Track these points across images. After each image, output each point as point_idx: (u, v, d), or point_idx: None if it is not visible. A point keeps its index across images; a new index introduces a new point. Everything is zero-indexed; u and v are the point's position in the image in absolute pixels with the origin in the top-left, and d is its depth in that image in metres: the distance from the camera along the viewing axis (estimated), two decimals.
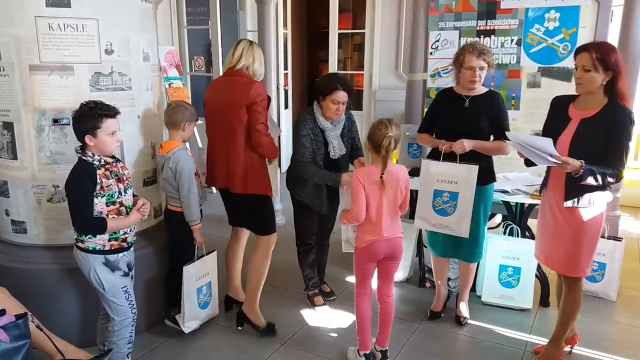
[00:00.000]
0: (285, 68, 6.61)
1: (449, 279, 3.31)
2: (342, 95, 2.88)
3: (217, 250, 3.02)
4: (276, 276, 3.67)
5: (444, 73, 3.72)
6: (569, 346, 2.78)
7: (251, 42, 2.94)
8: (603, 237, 3.23)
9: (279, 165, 5.23)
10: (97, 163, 2.24)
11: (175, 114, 2.80)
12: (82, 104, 2.24)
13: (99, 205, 2.25)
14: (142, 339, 2.85)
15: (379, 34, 6.45)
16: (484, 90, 2.83)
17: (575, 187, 2.34)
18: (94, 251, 2.29)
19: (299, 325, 3.10)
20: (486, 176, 2.86)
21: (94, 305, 2.63)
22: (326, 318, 3.19)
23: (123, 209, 2.33)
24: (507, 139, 2.60)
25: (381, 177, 2.44)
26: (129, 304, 2.41)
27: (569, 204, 2.38)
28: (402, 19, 6.19)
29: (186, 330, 2.88)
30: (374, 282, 2.68)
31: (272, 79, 4.74)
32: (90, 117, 2.19)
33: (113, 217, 2.28)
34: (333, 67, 6.83)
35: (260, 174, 2.87)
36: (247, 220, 3.01)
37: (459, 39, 3.58)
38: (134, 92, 2.75)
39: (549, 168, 2.51)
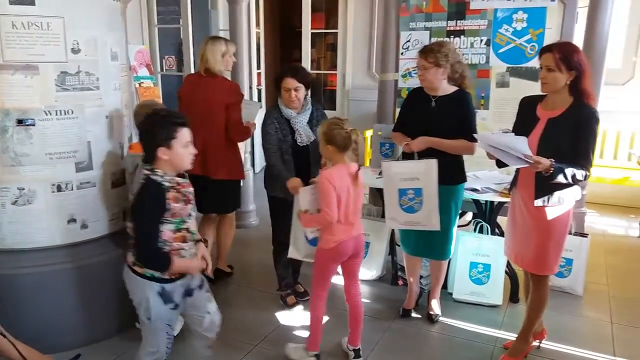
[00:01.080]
0: (258, 67, 6.57)
1: (420, 277, 3.34)
2: (290, 82, 2.94)
3: None
4: (250, 276, 3.66)
5: (415, 73, 3.74)
6: (538, 341, 2.84)
7: (207, 40, 3.20)
8: (570, 233, 3.32)
9: (252, 166, 5.21)
10: (167, 184, 2.00)
11: (136, 115, 2.78)
12: (149, 114, 2.07)
13: (166, 233, 2.00)
14: (113, 343, 2.82)
15: (351, 34, 6.48)
16: (452, 89, 2.84)
17: (545, 186, 2.37)
18: (152, 278, 2.06)
19: (272, 326, 3.09)
20: (457, 176, 2.90)
21: (61, 310, 2.59)
22: (300, 318, 3.19)
23: (189, 235, 2.11)
24: (474, 139, 2.64)
25: (356, 174, 2.46)
26: (168, 339, 2.21)
27: (539, 202, 2.42)
28: (374, 19, 6.23)
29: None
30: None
31: (244, 78, 4.70)
32: (164, 126, 1.98)
33: (181, 248, 2.07)
34: (306, 66, 6.81)
35: (239, 162, 3.44)
36: (223, 203, 3.43)
37: (430, 39, 3.61)
38: (101, 91, 2.70)
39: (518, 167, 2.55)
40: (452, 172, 2.85)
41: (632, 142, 5.30)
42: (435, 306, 3.17)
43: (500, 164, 2.50)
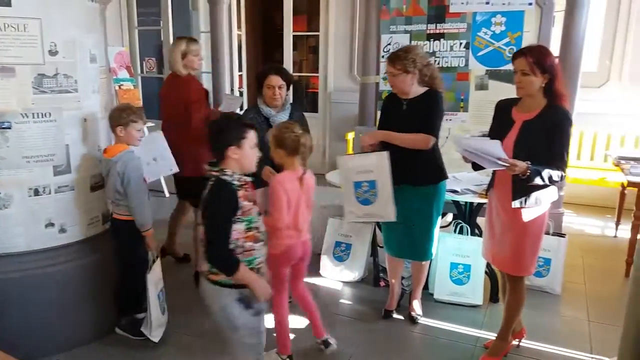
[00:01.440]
0: (240, 69, 6.56)
1: (402, 278, 3.37)
2: (275, 79, 3.01)
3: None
4: None
5: None
6: (517, 340, 2.88)
7: (174, 41, 3.40)
8: (548, 233, 3.37)
9: None
10: (237, 183, 2.02)
11: (110, 118, 2.76)
12: (218, 118, 2.17)
13: (237, 232, 2.00)
14: (91, 350, 2.79)
15: (333, 37, 6.50)
16: (421, 90, 2.88)
17: (521, 188, 2.40)
18: (228, 285, 2.03)
19: None
20: (436, 175, 2.93)
21: (39, 316, 2.56)
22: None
23: (259, 235, 2.11)
24: (429, 133, 2.76)
25: (301, 178, 2.48)
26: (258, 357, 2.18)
27: (516, 204, 2.44)
28: (356, 22, 6.26)
29: (156, 339, 2.80)
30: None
31: (226, 81, 4.69)
32: (235, 127, 2.03)
33: (252, 249, 2.07)
34: (288, 69, 6.82)
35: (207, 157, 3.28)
36: (192, 197, 3.45)
37: (410, 42, 3.64)
38: (80, 94, 2.67)
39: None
40: (429, 172, 2.88)
41: (608, 143, 5.40)
42: (417, 307, 3.20)
43: (476, 167, 2.55)
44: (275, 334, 2.68)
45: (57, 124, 2.60)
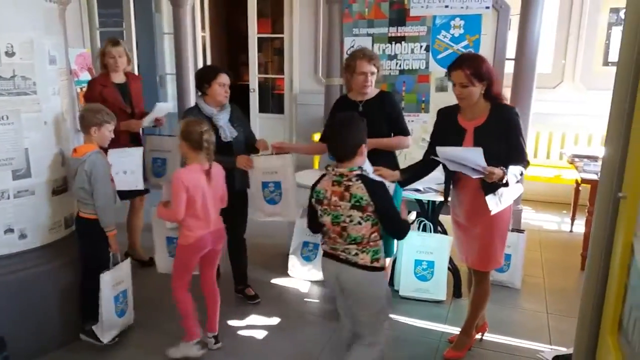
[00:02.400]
0: None
1: None
2: (226, 78, 3.09)
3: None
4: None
5: None
6: (480, 334, 2.95)
7: None
8: (508, 230, 3.48)
9: None
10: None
11: (82, 119, 2.74)
12: (347, 118, 2.23)
13: None
14: (56, 358, 2.74)
15: (297, 39, 6.52)
16: (375, 92, 2.98)
17: (491, 186, 2.41)
18: (383, 268, 2.22)
19: (222, 333, 3.06)
20: None
21: (12, 321, 2.49)
22: (250, 323, 3.19)
23: None
24: (405, 134, 2.91)
25: (208, 171, 2.59)
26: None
27: (494, 208, 2.45)
28: (319, 24, 6.30)
29: (105, 340, 2.78)
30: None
31: (190, 82, 4.65)
32: (364, 126, 2.22)
33: None
34: (254, 71, 6.82)
35: None
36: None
37: (372, 45, 3.70)
38: (39, 96, 2.62)
39: (450, 174, 2.62)
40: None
41: (563, 142, 5.59)
42: None
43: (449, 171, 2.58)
44: (182, 322, 2.76)
45: (15, 127, 2.54)
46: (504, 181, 2.34)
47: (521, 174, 2.43)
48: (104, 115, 2.76)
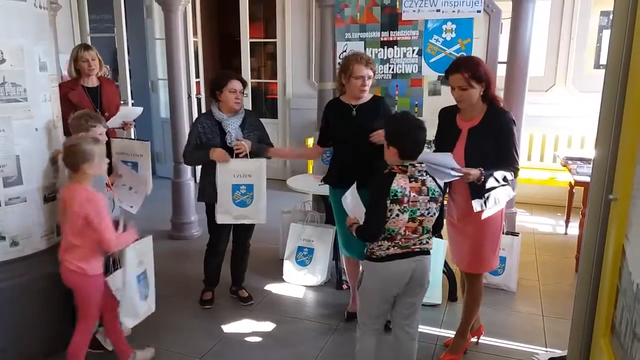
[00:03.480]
0: (197, 76, 6.51)
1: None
2: (237, 84, 3.13)
3: None
4: (189, 289, 3.60)
5: None
6: (476, 337, 2.96)
7: None
8: (502, 233, 3.48)
9: (194, 177, 5.13)
10: None
11: (71, 127, 2.76)
12: (399, 118, 2.37)
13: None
14: None
15: (290, 44, 6.53)
16: (368, 97, 2.99)
17: (479, 190, 2.47)
18: None
19: (215, 339, 3.05)
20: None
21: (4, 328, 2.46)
22: (245, 328, 3.18)
23: None
24: None
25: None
26: None
27: (477, 207, 2.49)
28: (312, 29, 6.31)
29: (130, 325, 2.64)
30: None
31: (182, 87, 4.64)
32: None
33: None
34: (246, 75, 6.80)
35: None
36: None
37: (365, 49, 3.71)
38: (30, 103, 2.60)
39: None
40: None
41: (556, 144, 5.63)
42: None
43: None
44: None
45: (6, 134, 2.52)
46: (480, 182, 2.39)
47: (505, 179, 2.45)
48: (89, 120, 2.75)
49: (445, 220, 2.76)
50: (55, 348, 2.78)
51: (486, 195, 2.48)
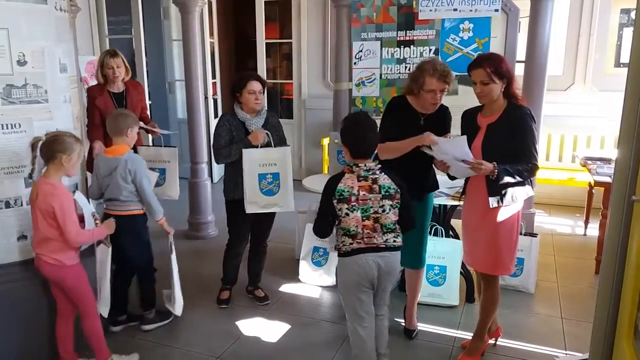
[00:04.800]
0: (214, 77, 6.55)
1: None
2: (256, 85, 3.13)
3: None
4: (207, 288, 3.62)
5: (368, 82, 3.83)
6: (494, 339, 2.93)
7: None
8: (520, 233, 3.44)
9: (210, 176, 5.16)
10: None
11: (118, 122, 2.89)
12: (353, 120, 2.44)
13: None
14: None
15: (305, 44, 6.54)
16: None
17: (496, 187, 2.47)
18: None
19: (233, 339, 3.07)
20: (433, 185, 2.94)
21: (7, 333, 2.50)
22: (261, 329, 3.18)
23: None
24: None
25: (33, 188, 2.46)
26: None
27: (493, 203, 2.49)
28: (328, 29, 6.31)
29: (178, 313, 3.10)
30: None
31: (199, 88, 4.67)
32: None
33: None
34: (262, 76, 6.82)
35: None
36: None
37: (381, 49, 3.70)
38: (50, 104, 2.64)
39: None
40: (430, 183, 2.90)
41: (575, 144, 5.55)
42: (413, 320, 3.10)
43: (453, 177, 2.66)
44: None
45: (28, 134, 2.56)
46: (494, 177, 2.38)
47: (520, 174, 2.43)
48: (132, 116, 2.99)
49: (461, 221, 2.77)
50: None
51: (503, 192, 2.47)
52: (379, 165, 2.32)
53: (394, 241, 2.33)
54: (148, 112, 4.13)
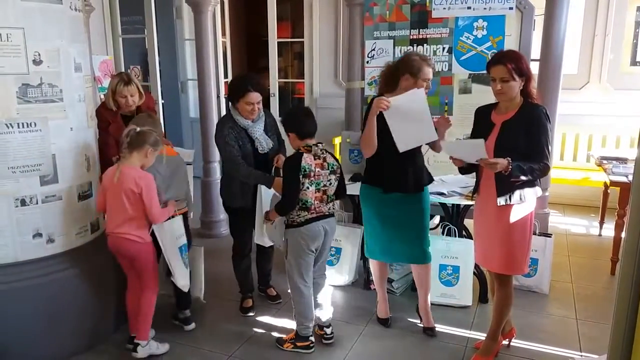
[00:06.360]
0: (226, 76, 6.57)
1: (392, 281, 3.38)
2: (255, 97, 2.93)
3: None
4: (221, 286, 3.63)
5: None
6: (507, 339, 2.90)
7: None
8: (534, 234, 3.41)
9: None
10: None
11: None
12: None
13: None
14: None
15: (317, 43, 6.52)
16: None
17: (505, 185, 2.46)
18: None
19: (246, 336, 3.07)
20: (427, 179, 2.94)
21: (27, 327, 2.52)
22: (273, 327, 3.18)
23: None
24: None
25: (116, 173, 2.62)
26: None
27: (501, 201, 2.49)
28: (340, 28, 6.29)
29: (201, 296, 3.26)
30: None
31: (212, 87, 4.69)
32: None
33: None
34: (274, 75, 6.84)
35: None
36: None
37: (394, 47, 3.68)
38: (65, 103, 2.66)
39: (479, 172, 2.63)
40: (422, 177, 2.90)
41: (590, 144, 5.48)
42: (430, 318, 3.09)
43: (464, 172, 2.65)
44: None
45: (43, 133, 2.58)
46: (507, 172, 2.37)
47: (532, 173, 2.41)
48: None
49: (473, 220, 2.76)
50: (89, 343, 2.85)
51: (511, 191, 2.47)
52: (324, 145, 2.75)
53: (333, 207, 2.88)
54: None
